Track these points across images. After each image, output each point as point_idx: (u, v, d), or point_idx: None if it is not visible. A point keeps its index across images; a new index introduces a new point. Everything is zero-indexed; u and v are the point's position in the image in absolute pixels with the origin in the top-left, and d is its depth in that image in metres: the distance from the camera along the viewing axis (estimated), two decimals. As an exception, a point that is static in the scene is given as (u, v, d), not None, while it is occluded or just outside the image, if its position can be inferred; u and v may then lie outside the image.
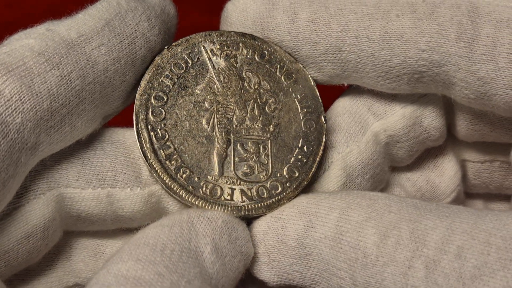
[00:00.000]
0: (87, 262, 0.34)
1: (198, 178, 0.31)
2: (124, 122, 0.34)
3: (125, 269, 0.26)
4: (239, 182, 0.31)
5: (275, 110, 0.33)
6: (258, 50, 0.34)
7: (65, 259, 0.34)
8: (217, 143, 0.32)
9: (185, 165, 0.31)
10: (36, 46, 0.28)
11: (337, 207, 0.30)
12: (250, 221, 0.32)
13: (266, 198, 0.31)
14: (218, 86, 0.33)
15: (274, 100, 0.33)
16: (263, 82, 0.33)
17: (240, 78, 0.33)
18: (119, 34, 0.30)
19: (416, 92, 0.34)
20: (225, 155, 0.32)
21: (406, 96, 0.35)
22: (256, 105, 0.33)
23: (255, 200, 0.31)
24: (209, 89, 0.33)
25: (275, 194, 0.32)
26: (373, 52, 0.32)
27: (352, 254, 0.28)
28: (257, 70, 0.33)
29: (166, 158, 0.31)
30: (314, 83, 0.34)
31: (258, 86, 0.33)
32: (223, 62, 0.33)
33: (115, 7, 0.31)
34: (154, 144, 0.31)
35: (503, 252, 0.25)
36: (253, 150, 0.32)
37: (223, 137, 0.32)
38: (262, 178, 0.32)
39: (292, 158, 0.32)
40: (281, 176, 0.32)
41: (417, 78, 0.32)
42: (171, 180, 0.31)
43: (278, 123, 0.33)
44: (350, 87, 0.35)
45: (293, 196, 0.32)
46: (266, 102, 0.33)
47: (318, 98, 0.34)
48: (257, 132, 0.33)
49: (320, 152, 0.33)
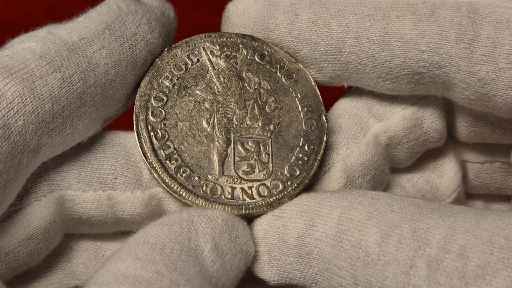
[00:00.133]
0: (87, 264, 0.34)
1: (198, 177, 0.31)
2: (124, 124, 0.33)
3: (124, 268, 0.25)
4: (240, 181, 0.31)
5: (276, 110, 0.33)
6: (258, 51, 0.33)
7: (65, 261, 0.34)
8: (217, 143, 0.32)
9: (185, 164, 0.31)
10: (37, 49, 0.28)
11: (338, 206, 0.29)
12: (251, 219, 0.31)
13: (267, 196, 0.31)
14: (218, 87, 0.33)
15: (275, 99, 0.33)
16: (263, 82, 0.33)
17: (240, 79, 0.33)
18: (120, 37, 0.30)
19: (416, 93, 0.34)
20: (225, 154, 0.32)
21: (406, 97, 0.34)
22: (256, 104, 0.33)
23: (256, 198, 0.31)
24: (209, 89, 0.32)
25: (276, 193, 0.31)
26: (373, 53, 0.32)
27: (353, 253, 0.28)
28: (257, 70, 0.33)
29: (166, 157, 0.31)
30: (314, 83, 0.34)
31: (258, 86, 0.33)
32: (223, 63, 0.33)
33: (116, 11, 0.31)
34: (154, 144, 0.31)
35: (506, 251, 0.25)
36: (253, 149, 0.32)
37: (223, 136, 0.32)
38: (263, 177, 0.32)
39: (293, 157, 0.32)
40: (282, 174, 0.32)
41: (417, 79, 0.32)
42: (171, 179, 0.31)
43: (278, 122, 0.33)
44: (350, 89, 0.35)
45: (294, 194, 0.31)
46: (266, 102, 0.33)
47: (319, 97, 0.33)
48: (257, 131, 0.32)
49: (321, 150, 0.32)
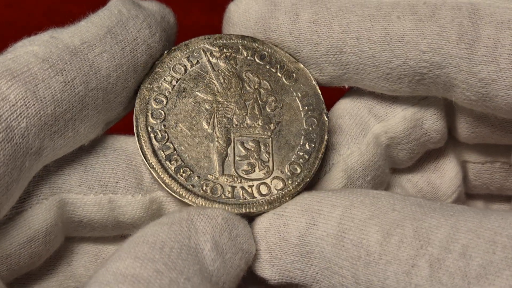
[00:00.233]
0: (88, 267, 0.34)
1: (198, 177, 0.31)
2: (125, 127, 0.33)
3: (123, 267, 0.25)
4: (240, 180, 0.31)
5: (276, 109, 0.33)
6: (258, 51, 0.33)
7: (66, 264, 0.34)
8: (217, 142, 0.31)
9: (185, 164, 0.31)
10: (40, 53, 0.28)
11: (340, 205, 0.29)
12: (252, 218, 0.31)
13: (267, 195, 0.31)
14: (218, 87, 0.32)
15: (275, 99, 0.33)
16: (263, 81, 0.33)
17: (240, 79, 0.33)
18: (121, 41, 0.30)
19: (417, 94, 0.33)
20: (225, 154, 0.31)
21: (407, 98, 0.34)
22: (256, 104, 0.33)
23: (256, 197, 0.31)
24: (208, 90, 0.32)
25: (277, 191, 0.31)
26: (374, 53, 0.32)
27: (354, 252, 0.28)
28: (257, 70, 0.33)
29: (166, 158, 0.31)
30: (315, 82, 0.33)
31: (258, 86, 0.33)
32: (223, 64, 0.33)
33: (117, 15, 0.31)
34: (154, 145, 0.31)
35: (509, 251, 0.25)
36: (254, 148, 0.32)
37: (223, 136, 0.32)
38: (263, 176, 0.31)
39: (294, 155, 0.32)
40: (282, 173, 0.31)
41: (418, 80, 0.32)
42: (171, 179, 0.30)
43: (279, 122, 0.32)
44: (351, 89, 0.35)
45: (295, 193, 0.31)
46: (266, 101, 0.33)
47: (320, 96, 0.33)
48: (257, 130, 0.32)
49: (322, 149, 0.32)
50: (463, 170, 0.38)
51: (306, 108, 0.33)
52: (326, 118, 0.33)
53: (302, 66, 0.33)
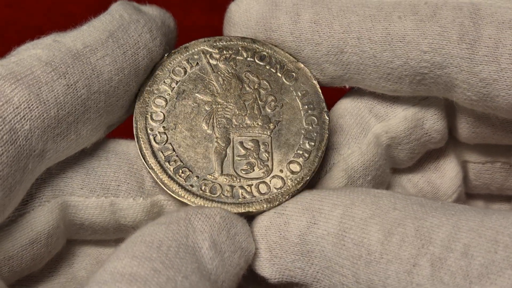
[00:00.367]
0: (89, 269, 0.34)
1: (197, 177, 0.31)
2: (125, 130, 0.33)
3: (121, 266, 0.25)
4: (239, 180, 0.31)
5: (276, 108, 0.32)
6: (257, 52, 0.33)
7: (67, 266, 0.34)
8: (216, 143, 0.31)
9: (184, 165, 0.31)
10: (43, 56, 0.29)
11: (341, 204, 0.29)
12: (252, 218, 0.31)
13: (267, 193, 0.31)
14: (217, 88, 0.32)
15: (274, 98, 0.32)
16: (263, 81, 0.33)
17: (239, 80, 0.33)
18: (123, 45, 0.30)
19: (418, 94, 0.33)
20: (224, 154, 0.31)
21: (407, 98, 0.34)
22: (256, 104, 0.32)
23: (255, 196, 0.30)
24: (208, 91, 0.32)
25: (276, 190, 0.31)
26: (375, 53, 0.31)
27: (355, 251, 0.27)
28: (256, 71, 0.33)
29: (165, 159, 0.31)
30: (315, 80, 0.33)
31: (257, 86, 0.33)
32: (222, 65, 0.33)
33: (118, 20, 0.31)
34: (153, 147, 0.31)
35: (511, 250, 0.24)
36: (253, 148, 0.31)
37: (222, 136, 0.31)
38: (263, 175, 0.31)
39: (293, 154, 0.31)
40: (282, 172, 0.31)
41: (419, 80, 0.32)
42: (170, 180, 0.30)
43: (278, 121, 0.32)
44: (351, 89, 0.35)
45: (294, 191, 0.31)
46: (266, 101, 0.32)
47: (320, 95, 0.33)
48: (257, 130, 0.32)
49: (323, 147, 0.32)
50: (464, 170, 0.38)
51: (306, 107, 0.32)
52: (326, 116, 0.32)
53: (302, 65, 0.33)
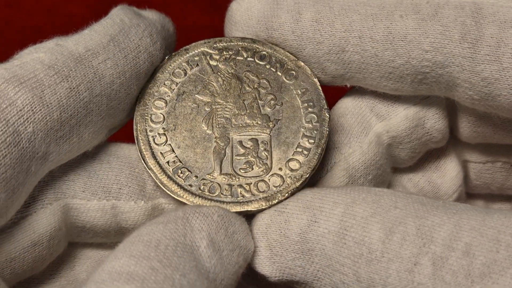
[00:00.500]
0: (90, 272, 0.33)
1: (196, 177, 0.31)
2: (126, 132, 0.33)
3: (118, 265, 0.25)
4: (238, 178, 0.31)
5: (275, 107, 0.32)
6: (257, 52, 0.33)
7: (68, 269, 0.34)
8: (215, 142, 0.31)
9: (183, 165, 0.31)
10: (46, 60, 0.29)
11: (342, 202, 0.28)
12: (252, 216, 0.30)
13: (266, 192, 0.30)
14: (217, 89, 0.32)
15: (274, 97, 0.32)
16: (263, 81, 0.33)
17: (239, 80, 0.33)
18: (124, 49, 0.31)
19: (419, 93, 0.33)
20: (224, 153, 0.31)
21: (409, 97, 0.34)
22: (255, 103, 0.32)
23: (254, 194, 0.30)
24: (208, 92, 0.32)
25: (275, 188, 0.30)
26: (376, 52, 0.31)
27: (356, 250, 0.27)
28: (256, 70, 0.33)
29: (165, 160, 0.31)
30: (316, 78, 0.33)
31: (257, 86, 0.32)
32: (222, 66, 0.33)
33: (119, 24, 0.31)
34: (153, 148, 0.31)
35: None
36: (252, 147, 0.31)
37: (222, 136, 0.31)
38: (261, 173, 0.31)
39: (293, 152, 0.31)
40: (281, 170, 0.31)
41: (420, 79, 0.31)
42: (170, 180, 0.30)
43: (278, 119, 0.32)
44: (352, 88, 0.34)
45: (294, 189, 0.30)
46: (265, 100, 0.32)
47: (320, 92, 0.32)
48: (256, 129, 0.32)
49: (323, 145, 0.31)
50: (464, 170, 0.38)
51: (306, 104, 0.32)
52: (326, 114, 0.32)
53: (302, 63, 0.33)
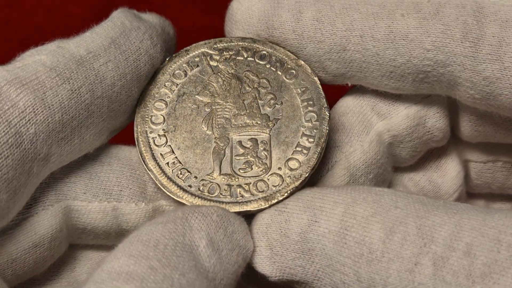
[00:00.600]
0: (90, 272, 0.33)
1: (196, 178, 0.31)
2: (127, 135, 0.33)
3: (117, 265, 0.25)
4: (237, 178, 0.31)
5: (275, 107, 0.32)
6: (257, 52, 0.33)
7: (69, 270, 0.34)
8: (215, 143, 0.31)
9: (183, 166, 0.31)
10: (48, 62, 0.29)
11: (342, 202, 0.28)
12: (252, 216, 0.30)
13: (265, 191, 0.30)
14: (217, 89, 0.32)
15: (274, 96, 0.32)
16: (263, 80, 0.32)
17: (239, 80, 0.32)
18: (125, 52, 0.31)
19: (420, 92, 0.33)
20: (223, 154, 0.31)
21: (410, 96, 0.33)
22: (255, 103, 0.32)
23: (253, 194, 0.30)
24: (208, 93, 0.32)
25: (274, 187, 0.30)
26: (377, 51, 0.31)
27: (356, 250, 0.27)
28: (256, 70, 0.33)
29: (165, 161, 0.31)
30: (316, 77, 0.32)
31: (257, 85, 0.32)
32: (222, 66, 0.33)
33: (120, 26, 0.31)
34: (153, 149, 0.31)
35: None
36: (251, 147, 0.31)
37: (221, 136, 0.31)
38: (261, 173, 0.31)
39: (292, 151, 0.31)
40: (280, 170, 0.31)
41: (421, 78, 0.31)
42: (169, 181, 0.30)
43: (278, 119, 0.32)
44: (353, 87, 0.34)
45: (293, 188, 0.30)
46: (265, 100, 0.32)
47: (320, 91, 0.32)
48: (256, 129, 0.32)
49: (322, 143, 0.31)
50: (465, 169, 0.37)
51: (306, 103, 0.32)
52: (327, 113, 0.32)
53: (302, 62, 0.33)
